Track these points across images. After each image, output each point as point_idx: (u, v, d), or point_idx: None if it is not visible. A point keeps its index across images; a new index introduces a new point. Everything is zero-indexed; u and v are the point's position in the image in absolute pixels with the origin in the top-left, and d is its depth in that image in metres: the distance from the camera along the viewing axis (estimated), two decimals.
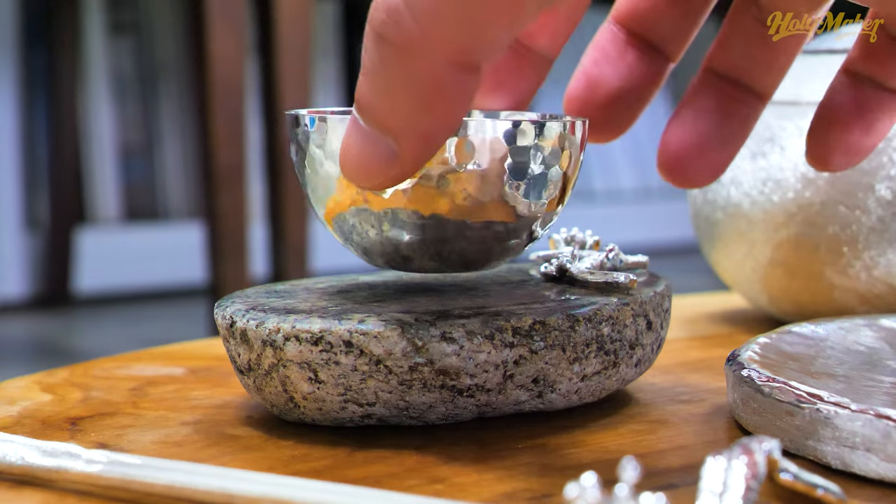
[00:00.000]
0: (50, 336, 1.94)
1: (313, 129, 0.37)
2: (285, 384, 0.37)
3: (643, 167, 2.68)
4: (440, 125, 0.32)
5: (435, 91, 0.32)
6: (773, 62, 0.40)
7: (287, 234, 1.50)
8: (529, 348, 0.37)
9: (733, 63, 0.40)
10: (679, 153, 0.40)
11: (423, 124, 0.32)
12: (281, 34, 1.49)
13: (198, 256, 2.00)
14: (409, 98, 0.32)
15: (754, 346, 0.40)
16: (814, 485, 0.31)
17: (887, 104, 0.39)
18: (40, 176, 2.17)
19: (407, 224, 0.37)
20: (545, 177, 0.37)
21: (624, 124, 0.41)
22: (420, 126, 0.32)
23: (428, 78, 0.31)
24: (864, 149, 0.39)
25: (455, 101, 0.32)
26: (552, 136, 0.37)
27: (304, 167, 0.38)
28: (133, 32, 2.26)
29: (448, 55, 0.31)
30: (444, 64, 0.31)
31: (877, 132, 0.39)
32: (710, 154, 0.40)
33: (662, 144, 0.40)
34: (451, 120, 0.32)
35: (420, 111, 0.32)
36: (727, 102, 0.40)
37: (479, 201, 0.36)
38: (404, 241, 0.37)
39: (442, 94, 0.32)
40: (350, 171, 0.34)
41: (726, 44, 0.40)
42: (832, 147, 0.39)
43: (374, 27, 0.31)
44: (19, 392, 0.43)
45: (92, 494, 0.33)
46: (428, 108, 0.32)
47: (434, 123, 0.32)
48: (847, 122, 0.39)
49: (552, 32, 0.40)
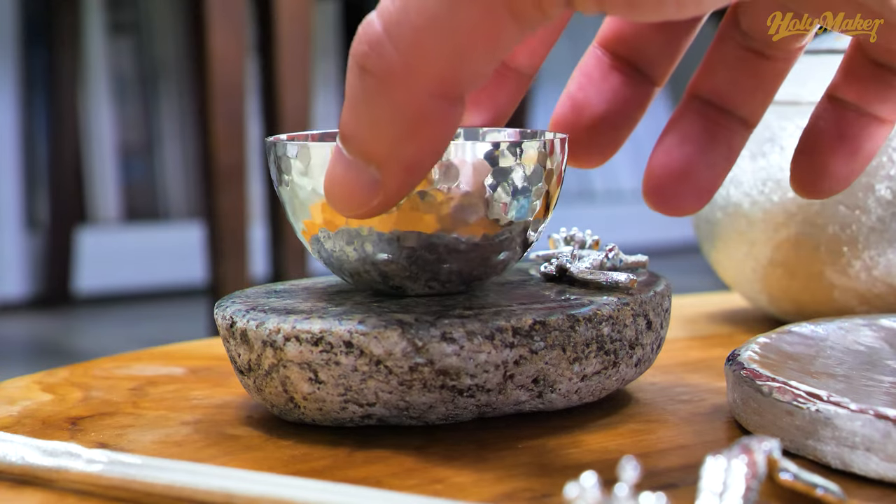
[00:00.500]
0: (50, 336, 1.94)
1: (291, 156, 0.37)
2: (285, 384, 0.37)
3: (643, 167, 2.68)
4: (424, 154, 0.33)
5: (418, 121, 0.32)
6: (757, 88, 0.40)
7: (287, 234, 1.50)
8: (529, 348, 0.37)
9: (718, 89, 0.40)
10: (665, 179, 0.39)
11: (407, 153, 0.32)
12: (281, 34, 1.49)
13: (198, 256, 2.00)
14: (393, 128, 0.32)
15: (754, 345, 0.40)
16: (814, 484, 0.31)
17: (871, 129, 0.39)
18: (40, 176, 2.17)
19: (388, 246, 0.37)
20: (528, 193, 0.37)
21: (609, 148, 0.41)
22: (403, 155, 0.32)
23: (411, 109, 0.32)
24: (849, 175, 0.39)
25: (439, 130, 0.32)
26: (532, 155, 0.37)
27: (283, 192, 0.38)
28: (133, 32, 2.26)
29: (431, 86, 0.31)
30: (427, 95, 0.31)
31: (861, 157, 0.39)
32: (696, 180, 0.39)
33: (648, 171, 0.40)
34: (435, 149, 0.33)
35: (403, 141, 0.32)
36: (712, 128, 0.40)
37: (462, 221, 0.36)
38: (386, 263, 0.37)
39: (425, 124, 0.32)
40: (335, 201, 0.34)
41: (711, 69, 0.40)
42: (817, 174, 0.39)
43: (357, 59, 0.32)
44: (19, 392, 0.43)
45: (92, 494, 0.33)
46: (411, 138, 0.32)
47: (418, 152, 0.33)
48: (831, 149, 0.39)
49: (531, 51, 0.41)
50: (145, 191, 2.27)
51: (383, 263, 0.37)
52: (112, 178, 2.22)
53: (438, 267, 0.37)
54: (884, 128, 0.39)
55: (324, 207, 0.37)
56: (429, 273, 0.38)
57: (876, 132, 0.39)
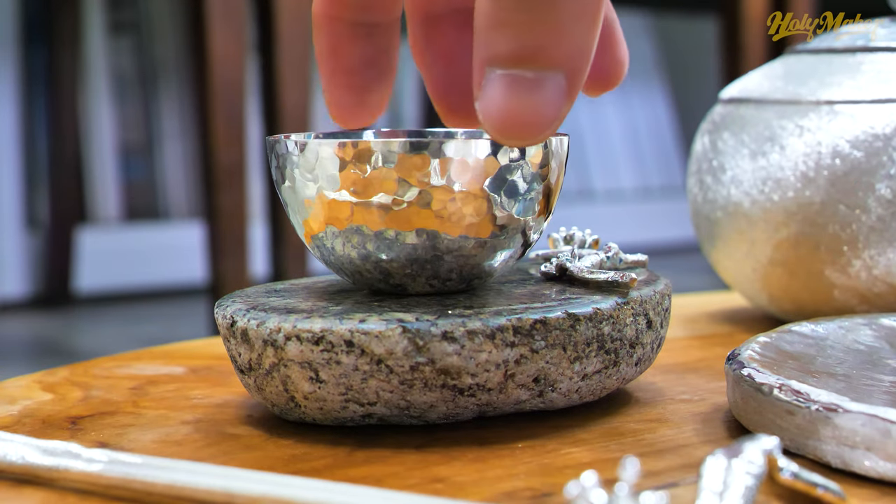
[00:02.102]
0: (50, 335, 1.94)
1: (292, 154, 0.37)
2: (286, 384, 0.37)
3: (643, 166, 2.68)
4: (596, 39, 0.33)
5: (598, 7, 0.32)
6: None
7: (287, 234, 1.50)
8: (530, 347, 0.37)
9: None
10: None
11: (590, 44, 0.33)
12: (281, 34, 1.49)
13: (198, 256, 2.00)
14: (580, 23, 0.32)
15: (754, 345, 0.40)
16: (814, 484, 0.31)
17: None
18: (40, 175, 2.17)
19: (389, 245, 0.37)
20: (528, 192, 0.37)
21: (381, 102, 0.41)
22: (588, 48, 0.33)
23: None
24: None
25: (602, 9, 0.33)
26: (532, 154, 0.37)
27: (284, 191, 0.38)
28: (133, 32, 2.26)
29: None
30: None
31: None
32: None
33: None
34: (599, 29, 0.33)
35: (588, 32, 0.33)
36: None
37: (462, 220, 0.36)
38: (387, 261, 0.37)
39: (601, 5, 0.33)
40: (526, 131, 0.33)
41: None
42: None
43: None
44: (20, 391, 0.43)
45: (92, 493, 0.33)
46: (593, 27, 0.33)
47: (595, 39, 0.33)
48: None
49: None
50: (145, 190, 2.27)
51: (384, 262, 0.37)
52: (112, 177, 2.22)
53: (439, 266, 0.37)
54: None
55: (325, 206, 0.37)
56: (429, 272, 0.38)
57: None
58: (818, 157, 0.50)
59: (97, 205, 2.22)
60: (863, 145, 0.49)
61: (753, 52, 1.80)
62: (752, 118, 0.52)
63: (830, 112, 0.50)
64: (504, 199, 0.37)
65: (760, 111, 0.52)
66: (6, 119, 2.12)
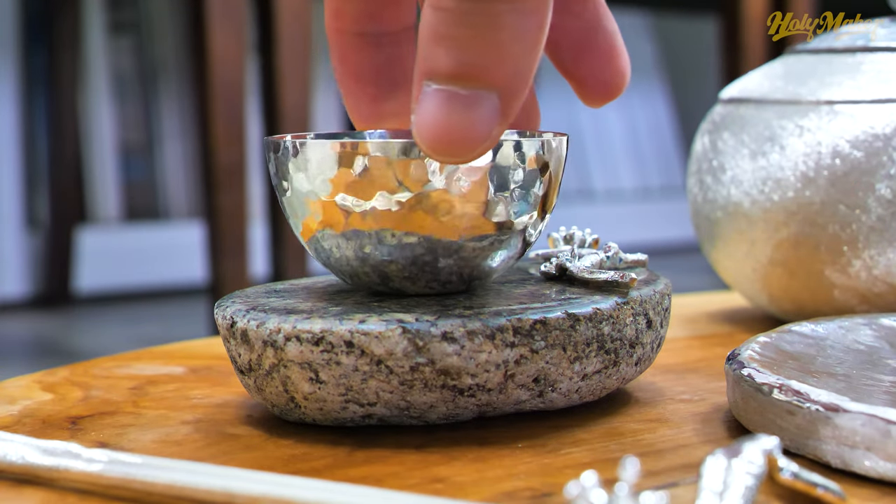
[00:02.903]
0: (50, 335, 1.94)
1: (290, 154, 0.37)
2: (286, 384, 0.37)
3: (643, 166, 2.68)
4: (536, 64, 0.33)
5: (540, 30, 0.33)
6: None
7: (287, 234, 1.50)
8: (530, 348, 0.37)
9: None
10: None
11: (528, 67, 0.33)
12: (281, 34, 1.49)
13: (198, 256, 2.00)
14: (520, 45, 0.32)
15: (754, 345, 0.40)
16: (814, 484, 0.31)
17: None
18: (40, 175, 2.17)
19: (387, 248, 0.37)
20: (527, 193, 0.37)
21: (400, 110, 0.41)
22: (526, 71, 0.33)
23: (538, 18, 0.32)
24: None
25: (546, 31, 0.33)
26: (531, 155, 0.37)
27: (282, 191, 0.38)
28: (133, 32, 2.26)
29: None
30: (547, 3, 0.32)
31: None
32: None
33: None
34: (540, 54, 0.33)
35: (527, 55, 0.33)
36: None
37: (461, 221, 0.36)
38: (385, 264, 0.37)
39: (544, 30, 0.33)
40: (455, 147, 0.33)
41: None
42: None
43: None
44: (20, 391, 0.43)
45: (92, 493, 0.33)
46: (534, 50, 0.33)
47: (535, 62, 0.33)
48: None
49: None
50: (145, 190, 2.27)
51: (382, 265, 0.37)
52: (112, 177, 2.22)
53: (438, 268, 0.37)
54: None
55: (324, 207, 0.37)
56: (428, 274, 0.38)
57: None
58: (818, 157, 0.50)
59: (97, 205, 2.22)
60: (863, 145, 0.49)
61: (753, 52, 1.80)
62: (752, 118, 0.52)
63: (830, 112, 0.50)
64: (503, 199, 0.37)
65: (760, 111, 0.52)
66: (6, 119, 2.12)
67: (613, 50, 0.39)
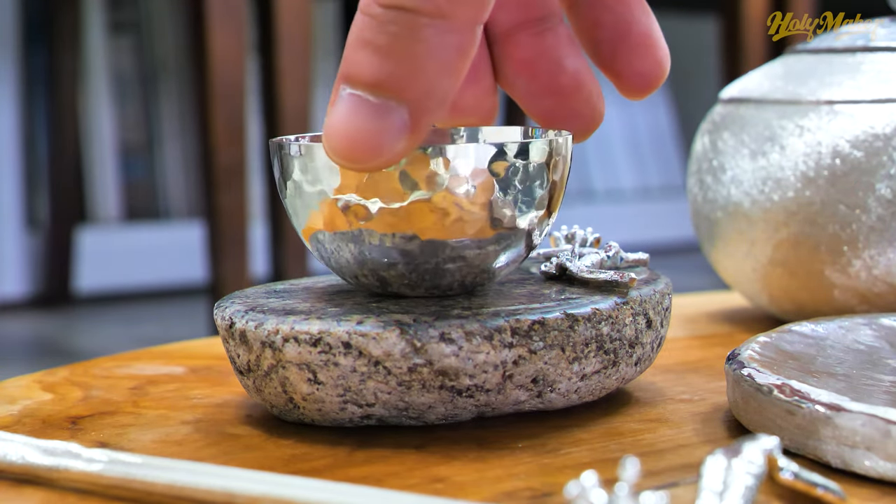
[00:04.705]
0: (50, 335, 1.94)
1: (294, 156, 0.37)
2: (285, 385, 0.37)
3: (643, 166, 2.68)
4: (454, 86, 0.33)
5: (459, 52, 0.32)
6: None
7: (287, 234, 1.50)
8: (528, 348, 0.37)
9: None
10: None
11: (443, 88, 0.33)
12: (281, 34, 1.49)
13: (198, 256, 2.00)
14: (435, 63, 0.32)
15: (754, 345, 0.40)
16: (814, 484, 0.31)
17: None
18: (40, 175, 2.17)
19: (388, 252, 0.37)
20: (531, 193, 0.37)
21: (480, 103, 0.41)
22: (440, 91, 0.33)
23: (455, 40, 0.32)
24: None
25: (469, 58, 0.33)
26: (536, 156, 0.37)
27: (285, 192, 0.38)
28: (133, 32, 2.26)
29: (475, 16, 0.32)
30: (471, 25, 0.32)
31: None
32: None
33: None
34: (460, 78, 0.33)
35: (442, 75, 0.33)
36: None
37: (466, 225, 0.36)
38: (385, 269, 0.37)
39: (464, 55, 0.33)
40: (355, 153, 0.33)
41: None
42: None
43: (395, 2, 0.32)
44: (20, 391, 0.43)
45: (92, 493, 0.33)
46: (450, 71, 0.33)
47: (452, 85, 0.33)
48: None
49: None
50: (145, 190, 2.27)
51: (382, 269, 0.37)
52: (112, 177, 2.22)
53: (440, 273, 0.37)
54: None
55: (327, 208, 0.37)
56: (429, 282, 0.37)
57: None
58: (818, 157, 0.50)
59: (97, 205, 2.22)
60: (863, 145, 0.49)
61: (753, 52, 1.80)
62: (752, 118, 0.52)
63: (830, 112, 0.50)
64: (508, 201, 0.36)
65: (760, 111, 0.52)
66: (6, 119, 2.12)
67: (649, 41, 0.39)
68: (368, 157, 0.33)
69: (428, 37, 0.32)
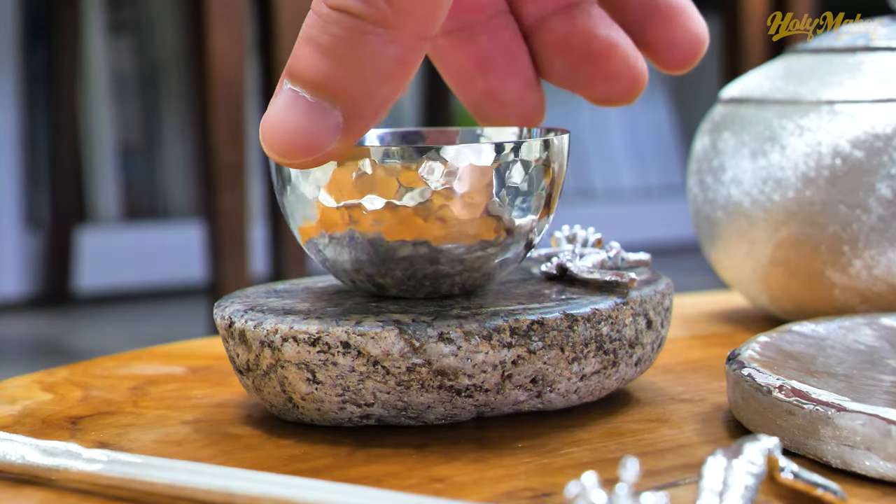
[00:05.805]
0: (50, 335, 1.94)
1: None
2: (283, 385, 0.37)
3: (643, 166, 2.68)
4: (394, 94, 0.33)
5: (401, 62, 0.33)
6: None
7: (287, 234, 1.50)
8: (527, 348, 0.37)
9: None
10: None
11: (382, 94, 0.33)
12: (281, 34, 1.49)
13: (198, 256, 2.00)
14: (374, 70, 0.33)
15: (754, 345, 0.40)
16: (814, 484, 0.31)
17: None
18: (41, 175, 2.17)
19: (384, 256, 0.37)
20: (530, 192, 0.37)
21: (523, 98, 0.41)
22: (378, 97, 0.33)
23: (398, 50, 0.32)
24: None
25: (413, 69, 0.33)
26: (534, 155, 0.37)
27: (282, 194, 0.38)
28: (133, 32, 2.26)
29: (419, 28, 0.32)
30: (415, 37, 0.32)
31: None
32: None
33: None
34: (401, 87, 0.33)
35: (381, 82, 0.33)
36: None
37: (464, 226, 0.36)
38: (381, 275, 0.37)
39: (406, 65, 0.33)
40: (286, 147, 0.33)
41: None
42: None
43: (336, 2, 0.32)
44: (19, 391, 0.43)
45: (92, 493, 0.33)
46: (390, 79, 0.33)
47: (392, 93, 0.33)
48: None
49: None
50: (145, 190, 2.27)
51: (378, 275, 0.37)
52: (112, 177, 2.22)
53: (438, 276, 0.37)
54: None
55: (323, 212, 0.37)
56: (428, 287, 0.37)
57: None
58: (818, 157, 0.50)
59: (97, 204, 2.22)
60: (863, 145, 0.49)
61: (753, 52, 1.80)
62: (753, 118, 0.52)
63: (831, 112, 0.50)
64: (506, 201, 0.36)
65: (761, 111, 0.52)
66: (6, 119, 2.11)
67: (679, 11, 0.39)
68: (298, 155, 0.33)
69: (370, 44, 0.32)
